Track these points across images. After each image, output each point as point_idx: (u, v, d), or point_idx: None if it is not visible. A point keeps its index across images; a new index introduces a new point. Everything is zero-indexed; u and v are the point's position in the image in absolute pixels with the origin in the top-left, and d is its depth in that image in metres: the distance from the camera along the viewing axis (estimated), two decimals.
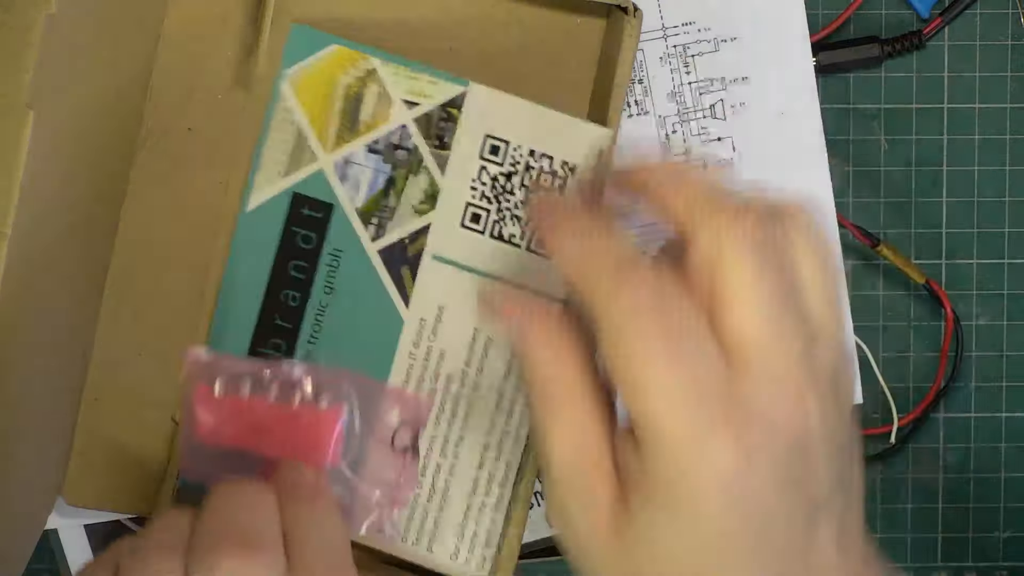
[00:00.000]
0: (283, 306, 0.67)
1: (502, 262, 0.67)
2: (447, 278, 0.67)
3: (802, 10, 0.68)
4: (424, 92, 0.66)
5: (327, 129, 0.66)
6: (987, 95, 0.71)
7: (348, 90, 0.66)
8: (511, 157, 0.66)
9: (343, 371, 0.61)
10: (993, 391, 0.72)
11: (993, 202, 0.72)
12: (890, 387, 0.72)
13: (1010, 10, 0.71)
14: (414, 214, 0.66)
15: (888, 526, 0.73)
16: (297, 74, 0.66)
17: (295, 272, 0.67)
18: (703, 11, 0.68)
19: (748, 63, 0.68)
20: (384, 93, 0.66)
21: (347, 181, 0.66)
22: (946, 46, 0.71)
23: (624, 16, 0.64)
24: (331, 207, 0.66)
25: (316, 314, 0.67)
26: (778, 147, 0.68)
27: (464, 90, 0.66)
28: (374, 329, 0.67)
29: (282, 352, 0.66)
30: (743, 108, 0.68)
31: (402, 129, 0.66)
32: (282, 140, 0.66)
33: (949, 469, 0.73)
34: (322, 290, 0.66)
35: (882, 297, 0.72)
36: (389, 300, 0.67)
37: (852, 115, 0.71)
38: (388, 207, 0.66)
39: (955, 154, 0.71)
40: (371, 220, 0.66)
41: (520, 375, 0.52)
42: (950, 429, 0.73)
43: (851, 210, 0.71)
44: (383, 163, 0.66)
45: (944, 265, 0.72)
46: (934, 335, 0.72)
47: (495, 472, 0.65)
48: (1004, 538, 0.73)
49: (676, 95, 0.68)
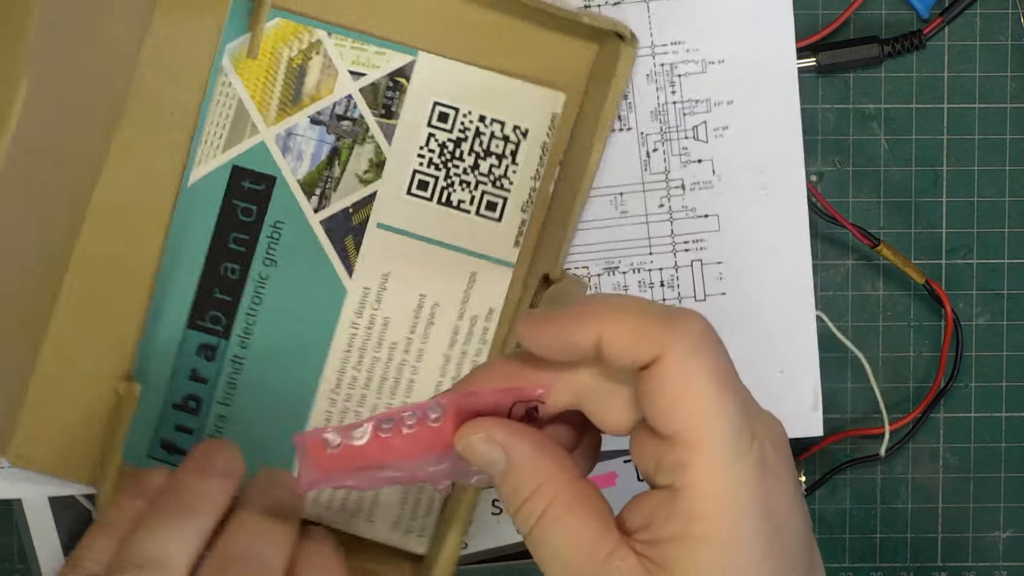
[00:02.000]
0: (223, 279, 0.67)
1: (449, 227, 0.67)
2: (392, 245, 0.67)
3: (792, 39, 0.67)
4: (372, 63, 0.66)
5: (269, 102, 0.66)
6: (987, 95, 0.71)
7: (291, 62, 0.66)
8: (460, 123, 0.66)
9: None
10: (993, 391, 0.72)
11: (993, 202, 0.72)
12: (890, 387, 0.72)
13: (1010, 10, 0.71)
14: (359, 183, 0.66)
15: (888, 526, 0.73)
16: (237, 48, 0.66)
17: (235, 245, 0.66)
18: (693, 31, 0.68)
19: (734, 87, 0.68)
20: (329, 64, 0.66)
21: (289, 153, 0.66)
22: (946, 46, 0.71)
23: (621, 43, 0.64)
24: (273, 179, 0.66)
25: (256, 286, 0.67)
26: (757, 178, 0.68)
27: (413, 59, 0.66)
28: (316, 299, 0.67)
29: (220, 326, 0.66)
30: (726, 131, 0.68)
31: (348, 100, 0.66)
32: (222, 114, 0.66)
33: (949, 469, 0.73)
34: (262, 262, 0.66)
35: (882, 297, 0.72)
36: (332, 269, 0.67)
37: (852, 115, 0.71)
38: (331, 177, 0.66)
39: (955, 154, 0.71)
40: (314, 191, 0.66)
41: (501, 491, 0.52)
42: (950, 429, 0.73)
43: (851, 210, 0.71)
44: (327, 134, 0.66)
45: (944, 265, 0.72)
46: (934, 335, 0.72)
47: None
48: (1004, 538, 0.73)
49: (660, 114, 0.68)
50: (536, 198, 0.66)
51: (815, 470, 0.72)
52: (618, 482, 0.68)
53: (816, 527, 0.73)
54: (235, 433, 0.67)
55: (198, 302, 0.67)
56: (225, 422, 0.67)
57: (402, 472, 0.53)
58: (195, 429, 0.67)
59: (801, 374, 0.68)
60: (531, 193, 0.66)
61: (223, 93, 0.66)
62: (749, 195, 0.68)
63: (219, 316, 0.67)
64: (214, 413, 0.67)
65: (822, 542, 0.72)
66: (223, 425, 0.67)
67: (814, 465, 0.72)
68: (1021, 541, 0.73)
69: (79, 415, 0.66)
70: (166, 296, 0.66)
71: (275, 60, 0.66)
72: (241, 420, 0.67)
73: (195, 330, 0.67)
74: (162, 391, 0.67)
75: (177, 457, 0.67)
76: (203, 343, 0.67)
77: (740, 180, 0.68)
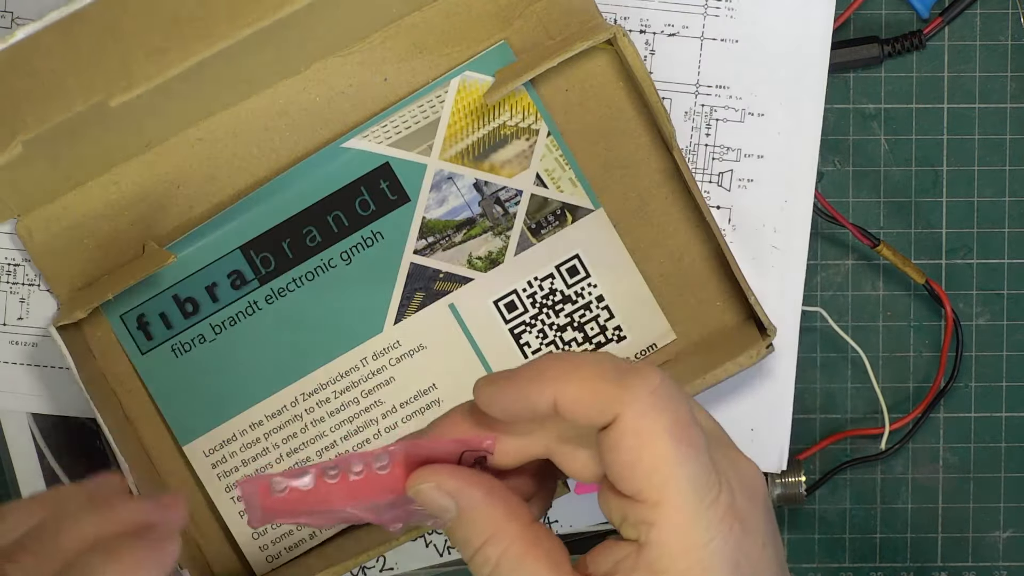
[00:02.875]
0: (299, 237, 0.67)
1: (501, 357, 0.67)
2: (447, 329, 0.67)
3: (819, 120, 0.68)
4: (560, 183, 0.67)
5: (458, 140, 0.67)
6: (987, 95, 0.71)
7: (502, 127, 0.66)
8: (580, 288, 0.67)
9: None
10: (993, 391, 0.72)
11: (993, 202, 0.72)
12: (890, 387, 0.72)
13: (1010, 10, 0.71)
14: (465, 262, 0.67)
15: (888, 526, 0.73)
16: (471, 80, 0.66)
17: (332, 221, 0.67)
18: (739, 80, 0.68)
19: (767, 143, 0.68)
20: (528, 155, 0.66)
21: (436, 191, 0.67)
22: (946, 46, 0.71)
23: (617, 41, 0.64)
24: (407, 200, 0.67)
25: (319, 266, 0.67)
26: (768, 235, 0.68)
27: (592, 210, 0.66)
28: (352, 317, 0.67)
29: (265, 270, 0.67)
30: (751, 184, 0.68)
31: (517, 194, 0.67)
32: (415, 116, 0.66)
33: (949, 469, 0.73)
34: (340, 253, 0.67)
35: (882, 297, 0.72)
36: (385, 305, 0.67)
37: (852, 115, 0.71)
38: (450, 239, 0.67)
39: (955, 154, 0.71)
40: (427, 236, 0.67)
41: (452, 539, 0.53)
42: (950, 429, 0.72)
43: (851, 210, 0.71)
44: (477, 204, 0.67)
45: (944, 265, 0.72)
46: (934, 335, 0.72)
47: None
48: (1004, 538, 0.73)
49: (689, 152, 0.68)
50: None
51: (815, 470, 0.72)
52: None
53: (816, 527, 0.73)
54: (202, 362, 0.67)
55: (265, 237, 0.67)
56: (200, 345, 0.67)
57: (355, 511, 0.53)
58: (175, 328, 0.67)
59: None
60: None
61: (431, 102, 0.66)
62: (757, 251, 0.68)
63: (270, 261, 0.67)
64: (198, 331, 0.67)
65: (822, 542, 0.72)
66: (197, 347, 0.67)
67: (814, 465, 0.72)
68: (1021, 541, 0.73)
69: (98, 240, 0.67)
70: (248, 210, 0.66)
71: (492, 114, 0.66)
72: (215, 355, 0.67)
73: (244, 255, 0.67)
74: (177, 277, 0.67)
75: (140, 336, 0.67)
76: (239, 270, 0.67)
77: (754, 235, 0.68)
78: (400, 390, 0.67)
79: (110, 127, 0.63)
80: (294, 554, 0.68)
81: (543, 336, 0.67)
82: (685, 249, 0.67)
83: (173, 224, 0.67)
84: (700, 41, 0.67)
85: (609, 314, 0.67)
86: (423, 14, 0.66)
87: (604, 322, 0.67)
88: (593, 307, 0.67)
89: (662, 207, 0.67)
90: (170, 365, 0.67)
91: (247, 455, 0.67)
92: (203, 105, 0.65)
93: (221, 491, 0.67)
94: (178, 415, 0.67)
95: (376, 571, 0.69)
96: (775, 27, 0.67)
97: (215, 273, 0.67)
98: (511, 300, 0.67)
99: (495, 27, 0.66)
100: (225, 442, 0.67)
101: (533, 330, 0.67)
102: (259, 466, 0.67)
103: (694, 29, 0.67)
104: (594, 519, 0.70)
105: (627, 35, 0.63)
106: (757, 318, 0.65)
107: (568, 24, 0.66)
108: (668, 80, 0.68)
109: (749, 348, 0.64)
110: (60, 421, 0.69)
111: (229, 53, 0.61)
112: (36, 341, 0.68)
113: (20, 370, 0.69)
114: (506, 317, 0.67)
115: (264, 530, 0.67)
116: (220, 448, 0.67)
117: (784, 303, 0.68)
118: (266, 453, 0.67)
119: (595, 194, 0.67)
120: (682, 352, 0.67)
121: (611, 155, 0.66)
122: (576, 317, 0.67)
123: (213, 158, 0.66)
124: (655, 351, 0.67)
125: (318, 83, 0.66)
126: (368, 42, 0.66)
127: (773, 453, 0.68)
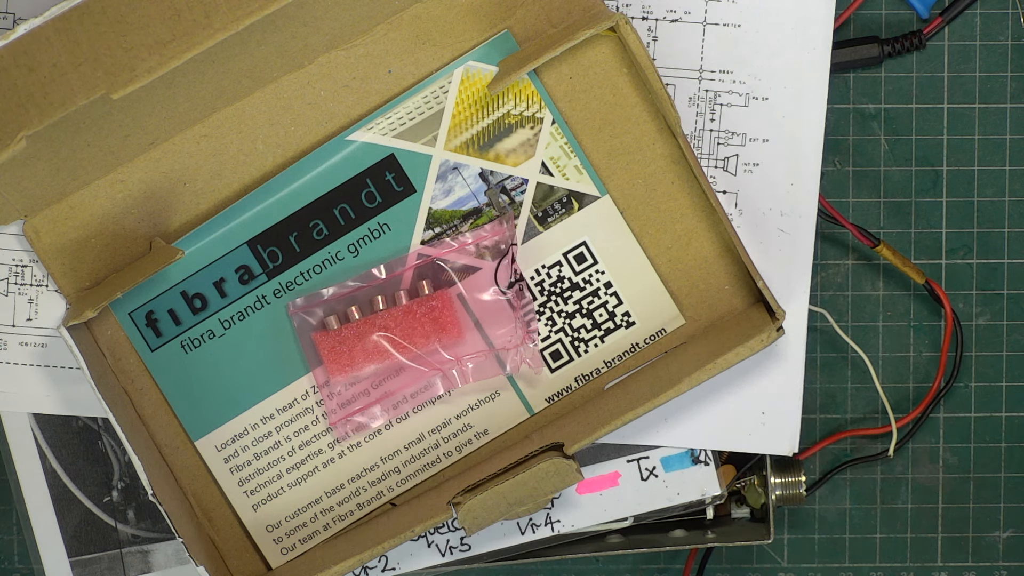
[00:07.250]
0: (306, 231, 0.67)
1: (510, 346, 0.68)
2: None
3: (823, 101, 0.68)
4: (565, 171, 0.67)
5: (462, 131, 0.67)
6: (987, 95, 0.71)
7: (506, 116, 0.66)
8: (587, 275, 0.67)
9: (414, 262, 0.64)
10: (993, 391, 0.72)
11: (993, 202, 0.72)
12: (890, 387, 0.72)
13: (1010, 10, 0.71)
14: (473, 251, 0.67)
15: (888, 526, 0.73)
16: (475, 70, 0.66)
17: (339, 214, 0.67)
18: (742, 64, 0.68)
19: (772, 127, 0.68)
20: (533, 143, 0.66)
21: (442, 181, 0.67)
22: (946, 46, 0.71)
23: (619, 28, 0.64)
24: (413, 191, 0.67)
25: (327, 259, 0.67)
26: (775, 219, 0.68)
27: (598, 197, 0.66)
28: None
29: (273, 264, 0.67)
30: (756, 168, 0.68)
31: (523, 183, 0.67)
32: (419, 108, 0.66)
33: (949, 469, 0.73)
34: (347, 246, 0.67)
35: (882, 297, 0.72)
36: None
37: (852, 115, 0.71)
38: (455, 227, 0.67)
39: (955, 154, 0.72)
40: (434, 227, 0.67)
41: None
42: (950, 429, 0.73)
43: (851, 210, 0.71)
44: (483, 194, 0.67)
45: (944, 265, 0.72)
46: (934, 335, 0.72)
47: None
48: (1004, 538, 0.73)
49: (694, 138, 0.68)
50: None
51: (815, 470, 0.72)
52: (621, 482, 0.68)
53: (816, 527, 0.73)
54: (212, 357, 0.67)
55: (272, 231, 0.67)
56: (209, 341, 0.67)
57: (415, 353, 0.59)
58: (184, 324, 0.67)
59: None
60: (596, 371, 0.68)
61: (435, 93, 0.66)
62: (764, 235, 0.68)
63: (278, 255, 0.67)
64: (207, 327, 0.67)
65: (822, 542, 0.72)
66: (206, 343, 0.67)
67: (814, 465, 0.72)
68: (1021, 541, 0.73)
69: (106, 239, 0.67)
70: (254, 205, 0.66)
71: (496, 103, 0.66)
72: (225, 350, 0.67)
73: (251, 250, 0.67)
74: (185, 273, 0.67)
75: (149, 333, 0.67)
76: (246, 265, 0.67)
77: (760, 219, 0.68)
78: (409, 380, 0.67)
79: (114, 123, 0.63)
80: (308, 546, 0.68)
81: (552, 323, 0.67)
82: (692, 234, 0.67)
83: (180, 221, 0.67)
84: (703, 26, 0.68)
85: (618, 300, 0.67)
86: (425, 5, 0.66)
87: (613, 308, 0.67)
88: (602, 293, 0.67)
89: (668, 193, 0.67)
90: (180, 361, 0.67)
91: (259, 448, 0.67)
92: (207, 101, 0.65)
93: (235, 485, 0.67)
94: (189, 411, 0.67)
95: (378, 571, 0.69)
96: (777, 9, 0.67)
97: (223, 268, 0.67)
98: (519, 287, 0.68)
99: (497, 16, 0.66)
100: (237, 436, 0.67)
101: (542, 318, 0.67)
102: (271, 460, 0.67)
103: (696, 14, 0.67)
104: (594, 519, 0.69)
105: (629, 22, 0.63)
106: (766, 301, 0.65)
107: (570, 12, 0.66)
108: (671, 66, 0.68)
109: (759, 332, 0.64)
110: (62, 422, 0.69)
111: (231, 44, 0.61)
112: (45, 342, 0.68)
113: (30, 371, 0.68)
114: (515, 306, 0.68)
115: (278, 522, 0.67)
116: (232, 442, 0.67)
117: (792, 286, 0.68)
118: (278, 446, 0.67)
119: (601, 181, 0.67)
120: (691, 337, 0.67)
121: (616, 142, 0.66)
122: (585, 304, 0.67)
123: (218, 154, 0.66)
124: (664, 336, 0.67)
125: (322, 77, 0.66)
126: (371, 35, 0.66)
127: (784, 436, 0.68)
